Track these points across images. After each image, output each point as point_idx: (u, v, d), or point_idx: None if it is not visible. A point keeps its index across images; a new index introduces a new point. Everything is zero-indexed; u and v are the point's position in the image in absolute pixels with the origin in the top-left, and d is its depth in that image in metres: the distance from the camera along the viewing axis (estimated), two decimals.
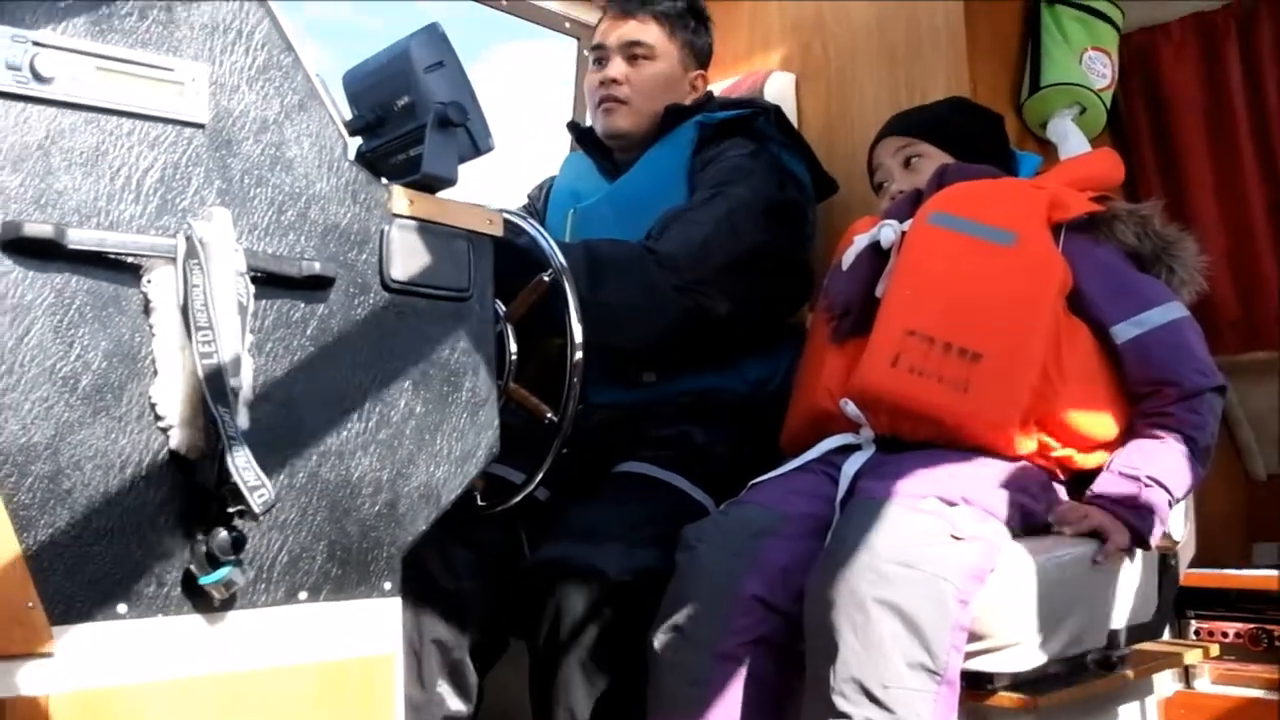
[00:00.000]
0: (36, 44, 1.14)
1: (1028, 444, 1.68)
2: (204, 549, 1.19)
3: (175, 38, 1.23)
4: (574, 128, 2.38)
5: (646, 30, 2.18)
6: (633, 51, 2.17)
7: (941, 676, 1.44)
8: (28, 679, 1.11)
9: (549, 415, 1.66)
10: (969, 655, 1.50)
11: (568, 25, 2.61)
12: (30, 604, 1.11)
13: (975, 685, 1.55)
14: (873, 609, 1.43)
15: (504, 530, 1.86)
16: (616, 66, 2.17)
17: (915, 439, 1.71)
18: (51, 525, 1.13)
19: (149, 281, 1.19)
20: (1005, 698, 1.57)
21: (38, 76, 1.14)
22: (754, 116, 2.14)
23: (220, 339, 1.18)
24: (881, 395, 1.71)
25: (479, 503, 1.74)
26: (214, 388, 1.17)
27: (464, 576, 1.81)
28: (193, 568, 1.20)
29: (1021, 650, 1.56)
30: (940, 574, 1.47)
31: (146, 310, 1.20)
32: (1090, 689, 1.70)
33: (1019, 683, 1.59)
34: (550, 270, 1.65)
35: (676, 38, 2.20)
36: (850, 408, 1.75)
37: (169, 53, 1.23)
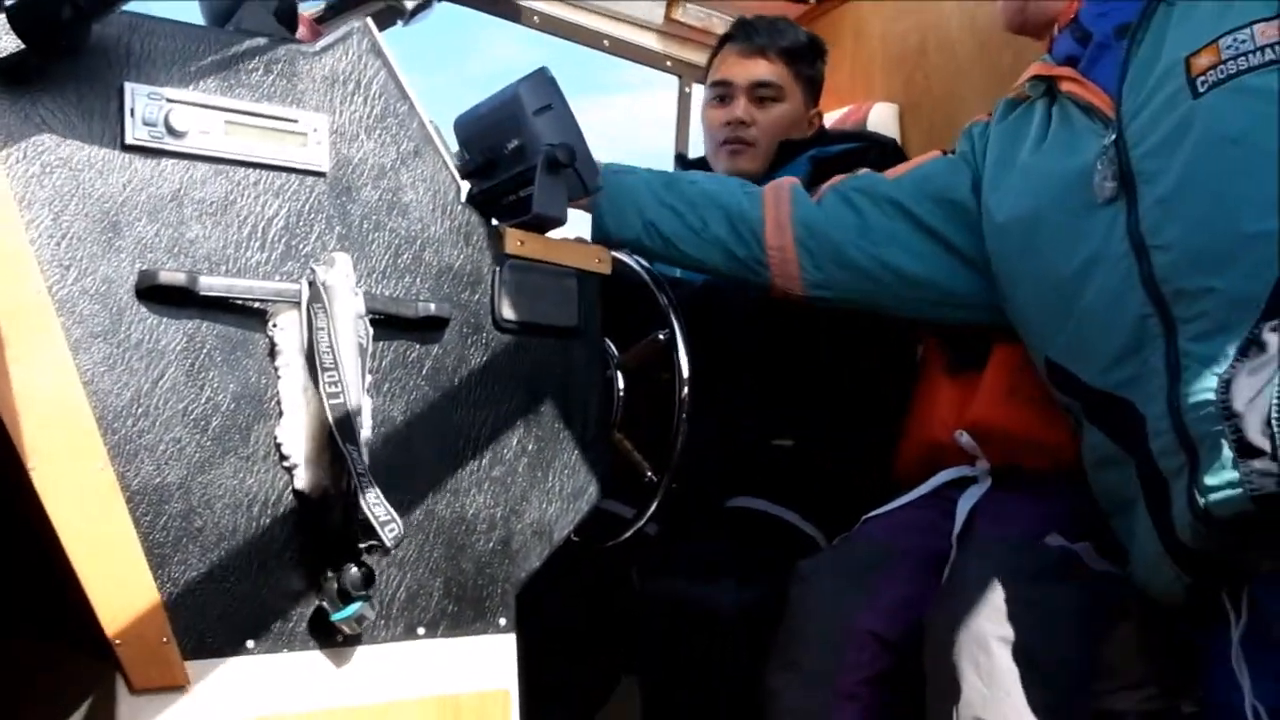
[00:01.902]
0: (170, 100, 1.20)
1: None
2: (335, 586, 1.22)
3: (298, 90, 1.28)
4: (682, 160, 2.38)
5: (775, 70, 2.14)
6: (760, 93, 2.14)
7: (1068, 716, 1.40)
8: (163, 712, 1.15)
9: (649, 474, 1.66)
10: (1097, 694, 1.45)
11: (669, 63, 2.64)
12: (165, 639, 1.15)
13: None
14: (995, 648, 1.40)
15: (614, 566, 1.86)
16: (744, 107, 2.13)
17: (1033, 471, 1.67)
18: (184, 563, 1.17)
19: (275, 325, 1.24)
20: None
21: (171, 131, 1.20)
22: (867, 150, 2.11)
23: (346, 380, 1.21)
24: (998, 428, 1.68)
25: (589, 538, 1.74)
26: (343, 427, 1.20)
27: (576, 612, 1.82)
28: (325, 604, 1.23)
29: (1152, 689, 1.50)
30: (1064, 611, 1.43)
31: (272, 353, 1.24)
32: None
33: None
34: (666, 330, 1.66)
35: (801, 77, 2.18)
36: (965, 439, 1.72)
37: (292, 105, 1.28)
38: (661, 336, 1.66)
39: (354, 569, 1.23)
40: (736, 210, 1.72)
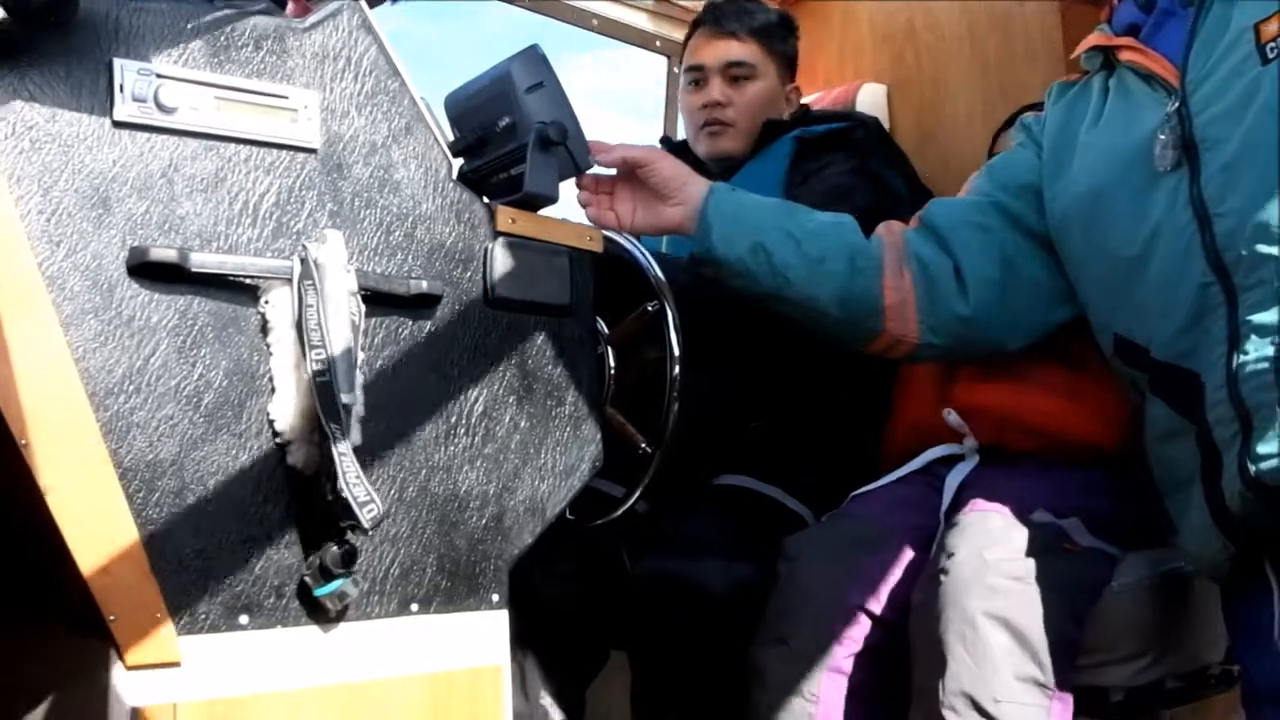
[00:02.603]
0: (160, 76, 1.19)
1: (1140, 452, 1.64)
2: (318, 562, 1.23)
3: (288, 66, 1.28)
4: (666, 143, 2.39)
5: (746, 49, 2.15)
6: (733, 72, 2.14)
7: (1054, 691, 1.42)
8: (158, 689, 1.15)
9: (643, 446, 1.66)
10: (1083, 669, 1.47)
11: (658, 43, 2.63)
12: (158, 615, 1.15)
13: (1091, 700, 1.52)
14: (982, 622, 1.41)
15: (605, 543, 1.87)
16: (719, 88, 2.14)
17: (1021, 448, 1.69)
18: (177, 539, 1.17)
19: (266, 302, 1.23)
20: (1122, 712, 1.53)
21: (161, 107, 1.19)
22: (852, 129, 2.12)
23: (333, 356, 1.21)
24: (985, 406, 1.69)
25: (580, 516, 1.75)
26: (326, 404, 1.20)
27: (567, 589, 1.83)
28: (308, 580, 1.23)
29: (1138, 664, 1.52)
30: (1052, 587, 1.45)
31: (264, 330, 1.24)
32: (1210, 705, 1.65)
33: (1136, 697, 1.55)
34: (654, 301, 1.66)
35: (774, 53, 2.18)
36: (953, 418, 1.73)
37: (283, 81, 1.27)
38: (650, 309, 1.66)
39: (334, 547, 1.23)
40: (858, 244, 1.63)
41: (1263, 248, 1.25)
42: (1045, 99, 1.68)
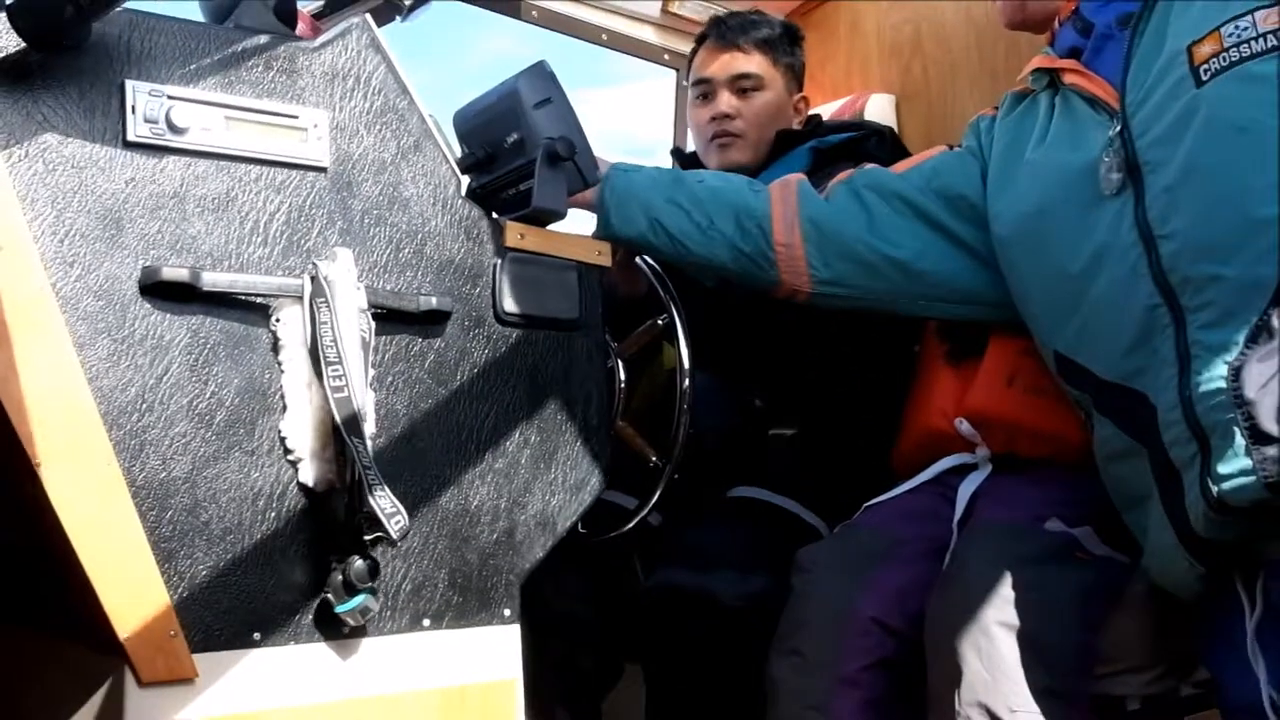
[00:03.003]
0: (171, 97, 1.20)
1: None
2: (340, 578, 1.23)
3: (298, 86, 1.29)
4: (678, 154, 2.39)
5: (752, 60, 2.16)
6: (741, 84, 2.15)
7: (1070, 700, 1.41)
8: (171, 705, 1.16)
9: (654, 459, 1.67)
10: (1098, 677, 1.46)
11: (666, 57, 2.64)
12: (172, 633, 1.16)
13: (1106, 709, 1.51)
14: (996, 632, 1.41)
15: (618, 556, 1.87)
16: (726, 100, 2.15)
17: (1033, 456, 1.68)
18: (191, 556, 1.18)
19: (277, 320, 1.24)
20: None
21: (173, 128, 1.20)
22: (866, 139, 2.13)
23: (350, 373, 1.22)
24: (998, 416, 1.69)
25: (593, 530, 1.75)
26: (347, 420, 1.21)
27: (580, 603, 1.83)
28: (330, 596, 1.23)
29: (1153, 672, 1.51)
30: (1065, 596, 1.44)
31: (275, 348, 1.25)
32: None
33: (1151, 706, 1.54)
34: (665, 315, 1.67)
35: (780, 63, 2.19)
36: (965, 427, 1.72)
37: (293, 100, 1.28)
38: (660, 322, 1.67)
39: (359, 561, 1.24)
40: (744, 207, 1.71)
41: (1209, 268, 1.26)
42: (999, 107, 1.69)
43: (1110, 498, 1.56)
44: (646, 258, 1.76)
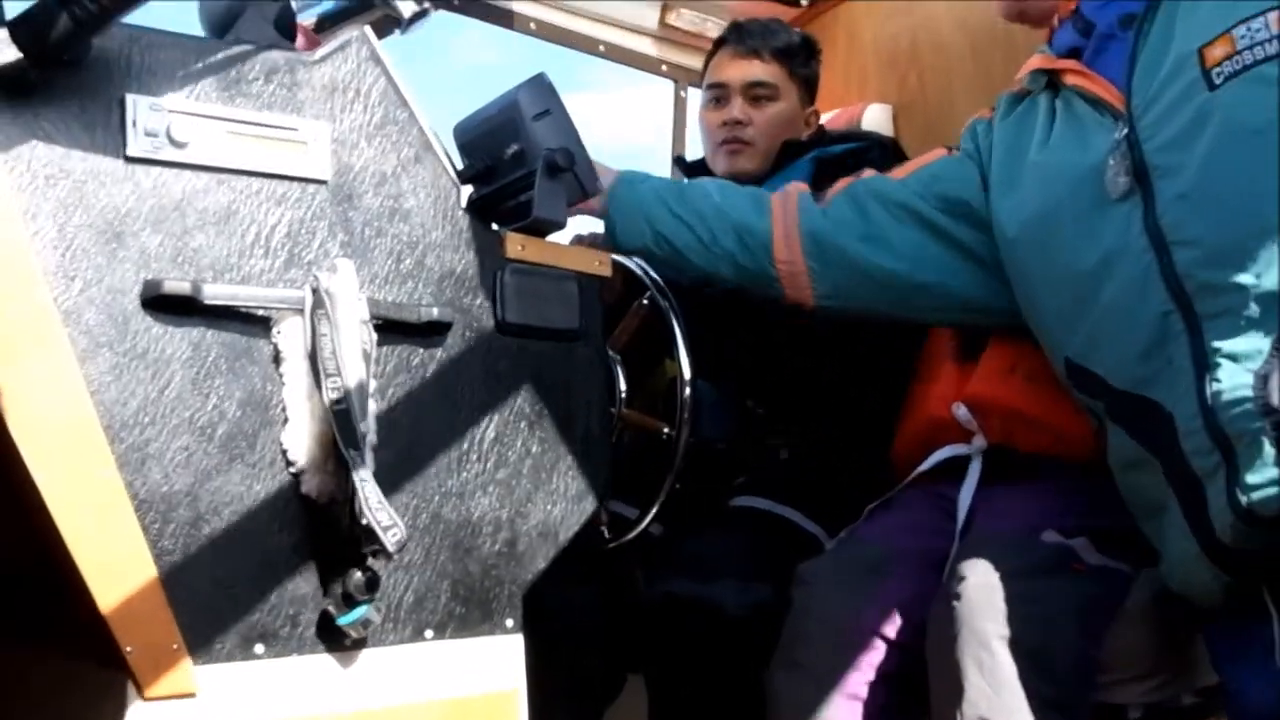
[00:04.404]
0: (171, 111, 1.21)
1: None
2: (340, 590, 1.23)
3: (298, 99, 1.29)
4: (681, 162, 2.40)
5: (769, 70, 2.16)
6: (756, 92, 2.16)
7: (1071, 711, 1.41)
8: (173, 719, 1.16)
9: (665, 430, 1.68)
10: (1100, 687, 1.46)
11: (664, 68, 2.65)
12: (174, 646, 1.16)
13: (1107, 718, 1.51)
14: (997, 646, 1.41)
15: (620, 566, 1.87)
16: (740, 107, 2.15)
17: (1030, 448, 1.68)
18: (193, 569, 1.18)
19: (279, 332, 1.25)
20: None
21: (173, 142, 1.20)
22: (869, 150, 2.13)
23: (350, 385, 1.22)
24: (997, 402, 1.69)
25: (596, 539, 1.75)
26: (345, 432, 1.21)
27: (582, 613, 1.83)
28: (330, 609, 1.23)
29: (1154, 681, 1.51)
30: (1064, 607, 1.44)
31: (276, 360, 1.25)
32: None
33: (1153, 715, 1.54)
34: (648, 293, 1.67)
35: (796, 76, 2.20)
36: (962, 412, 1.72)
37: (293, 113, 1.28)
38: (644, 301, 1.68)
39: (358, 574, 1.24)
40: (745, 224, 1.71)
41: (1230, 275, 1.25)
42: (995, 109, 1.68)
43: (1106, 507, 1.56)
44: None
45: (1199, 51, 1.29)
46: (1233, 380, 1.24)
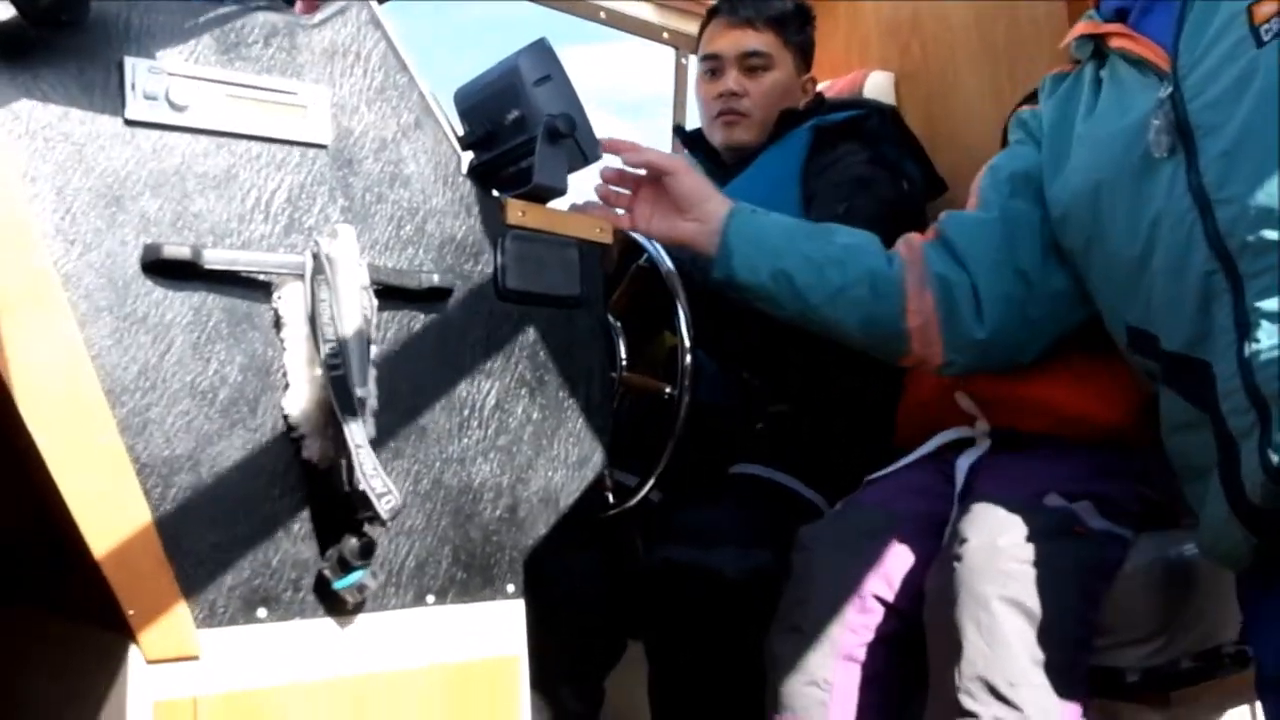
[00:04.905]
0: (171, 74, 1.20)
1: (1151, 434, 1.64)
2: (336, 555, 1.24)
3: (298, 63, 1.28)
4: (680, 131, 2.39)
5: (763, 39, 2.15)
6: (750, 63, 2.15)
7: (1069, 673, 1.42)
8: (177, 682, 1.16)
9: (667, 390, 1.68)
10: (1097, 650, 1.47)
11: (666, 35, 2.63)
12: (177, 609, 1.17)
13: (1105, 681, 1.52)
14: (996, 607, 1.42)
15: (620, 533, 1.88)
16: (735, 78, 2.14)
17: (1032, 430, 1.69)
18: (195, 533, 1.18)
19: (279, 298, 1.24)
20: (1136, 693, 1.53)
21: (173, 105, 1.20)
22: (868, 117, 2.12)
23: (347, 351, 1.22)
24: (997, 388, 1.69)
25: (598, 505, 1.76)
26: (341, 398, 1.21)
27: (583, 579, 1.84)
28: (326, 572, 1.24)
29: (1152, 645, 1.52)
30: (1064, 570, 1.45)
31: (277, 325, 1.24)
32: (1225, 685, 1.65)
33: (1150, 678, 1.55)
34: (645, 257, 1.67)
35: (790, 43, 2.19)
36: (965, 401, 1.73)
37: (292, 77, 1.28)
38: (641, 264, 1.67)
39: (353, 539, 1.24)
40: (879, 270, 1.62)
41: (1268, 233, 1.23)
42: (1039, 92, 1.67)
43: (1108, 472, 1.57)
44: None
45: (1248, 9, 1.27)
46: (1270, 340, 1.23)
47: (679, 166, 1.63)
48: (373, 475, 1.21)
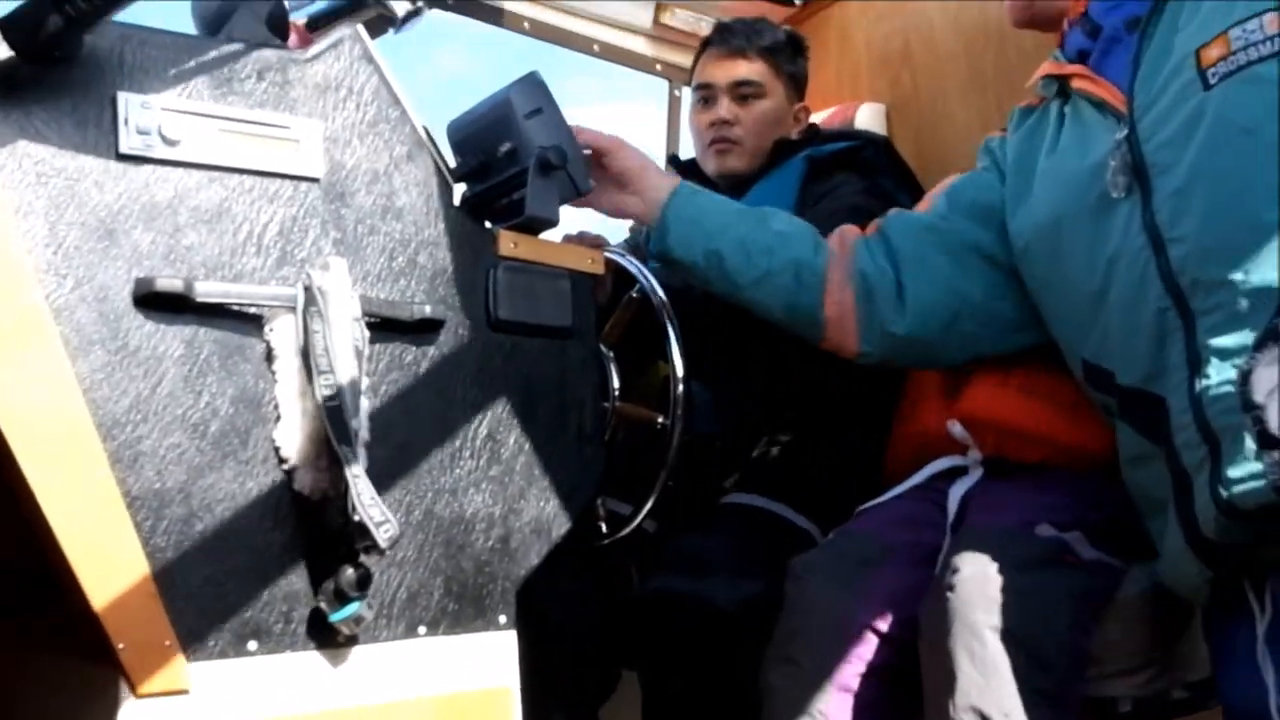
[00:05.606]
0: (164, 109, 1.21)
1: None
2: (332, 586, 1.23)
3: (290, 97, 1.29)
4: (675, 162, 2.41)
5: (755, 69, 2.18)
6: (742, 91, 2.17)
7: (1062, 702, 1.41)
8: (166, 717, 1.16)
9: (660, 420, 1.68)
10: (1090, 680, 1.46)
11: (659, 67, 2.65)
12: (167, 642, 1.16)
13: (1097, 711, 1.52)
14: (989, 637, 1.41)
15: (614, 562, 1.87)
16: (726, 107, 2.16)
17: (1025, 460, 1.69)
18: (186, 566, 1.18)
19: (271, 330, 1.25)
20: None
21: (166, 140, 1.21)
22: (862, 148, 2.14)
23: (341, 382, 1.22)
24: (989, 417, 1.70)
25: (590, 535, 1.76)
26: (337, 428, 1.21)
27: (576, 609, 1.83)
28: (323, 605, 1.24)
29: (1145, 675, 1.52)
30: (1056, 599, 1.45)
31: (269, 358, 1.25)
32: (1217, 715, 1.64)
33: (1142, 708, 1.55)
34: (638, 286, 1.68)
35: (782, 72, 2.21)
36: (957, 429, 1.73)
37: (285, 111, 1.29)
38: (634, 295, 1.68)
39: (350, 570, 1.24)
40: (806, 260, 1.68)
41: (1219, 271, 1.26)
42: (1008, 123, 1.69)
43: (1100, 501, 1.57)
44: (633, 260, 1.76)
45: (1196, 52, 1.31)
46: (1220, 376, 1.25)
47: (616, 145, 1.68)
48: (370, 505, 1.21)
